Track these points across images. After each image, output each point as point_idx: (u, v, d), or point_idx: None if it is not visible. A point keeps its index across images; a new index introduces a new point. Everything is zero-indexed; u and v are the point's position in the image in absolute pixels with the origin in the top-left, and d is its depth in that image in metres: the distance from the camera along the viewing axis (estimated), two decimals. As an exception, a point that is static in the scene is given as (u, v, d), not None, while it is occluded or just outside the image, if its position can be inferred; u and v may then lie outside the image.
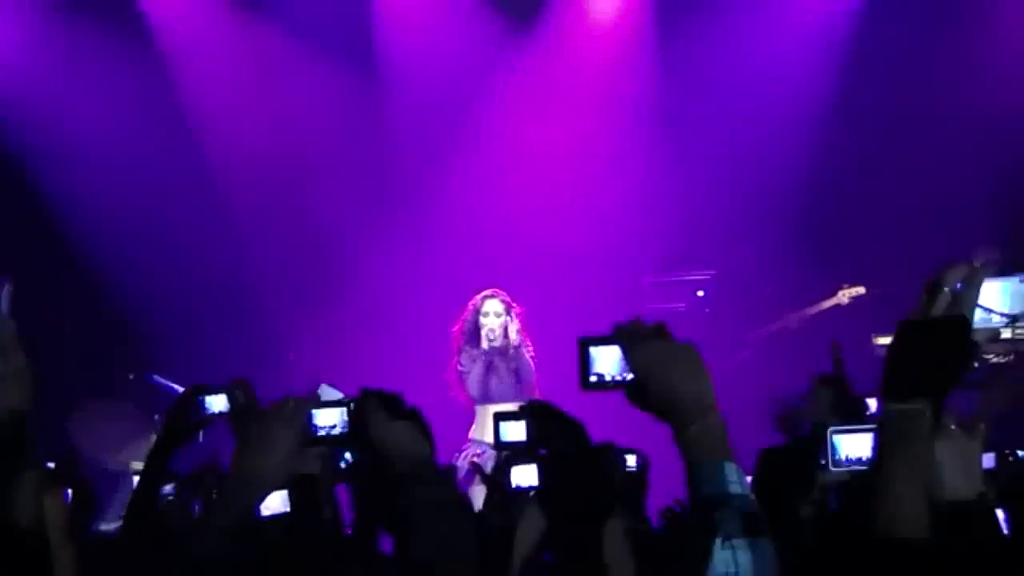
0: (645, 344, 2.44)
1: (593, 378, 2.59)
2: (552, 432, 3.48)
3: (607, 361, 2.57)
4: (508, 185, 11.17)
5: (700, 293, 10.86)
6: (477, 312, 8.62)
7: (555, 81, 11.35)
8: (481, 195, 11.15)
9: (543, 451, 3.70)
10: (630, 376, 2.49)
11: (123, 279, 10.97)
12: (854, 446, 3.67)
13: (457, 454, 8.10)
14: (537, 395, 8.16)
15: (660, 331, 2.46)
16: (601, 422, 3.82)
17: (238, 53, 11.32)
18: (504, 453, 4.52)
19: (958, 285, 2.33)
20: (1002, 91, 10.29)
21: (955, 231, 9.40)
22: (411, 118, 11.31)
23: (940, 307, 2.31)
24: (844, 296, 10.04)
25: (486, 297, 8.66)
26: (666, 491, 4.48)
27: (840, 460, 3.66)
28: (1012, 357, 9.17)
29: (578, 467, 3.41)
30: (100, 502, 4.64)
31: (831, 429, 3.71)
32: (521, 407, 3.97)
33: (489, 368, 8.50)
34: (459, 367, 8.54)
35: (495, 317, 8.58)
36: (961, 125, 10.27)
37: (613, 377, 2.57)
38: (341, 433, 3.66)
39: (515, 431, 4.12)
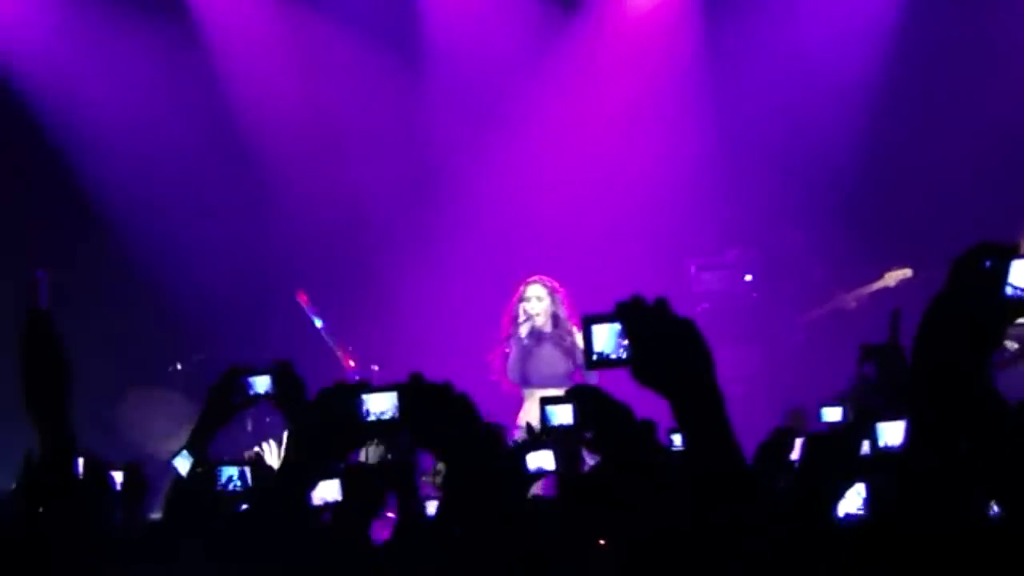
0: (644, 321, 2.48)
1: (595, 356, 2.65)
2: (597, 415, 3.51)
3: (605, 339, 2.63)
4: (552, 172, 11.20)
5: (748, 277, 10.81)
6: (520, 299, 8.69)
7: (599, 67, 11.36)
8: (525, 182, 11.17)
9: (588, 434, 3.74)
10: (624, 354, 2.55)
11: (163, 266, 11.03)
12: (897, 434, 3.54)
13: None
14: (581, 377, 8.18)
15: (660, 307, 2.49)
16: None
17: (280, 38, 11.38)
18: (521, 438, 4.56)
19: (987, 263, 2.36)
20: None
21: (1004, 213, 9.33)
22: (453, 105, 11.35)
23: (969, 285, 2.35)
24: (891, 279, 9.98)
25: (528, 283, 8.79)
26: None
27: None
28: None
29: (623, 450, 3.44)
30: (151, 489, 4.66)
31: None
32: (567, 391, 4.01)
33: (527, 353, 8.60)
34: (505, 350, 8.62)
35: (536, 301, 8.71)
36: (1011, 108, 10.21)
37: (613, 354, 2.62)
38: (392, 418, 3.66)
39: (563, 414, 4.11)
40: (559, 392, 4.68)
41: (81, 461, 4.49)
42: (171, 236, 11.00)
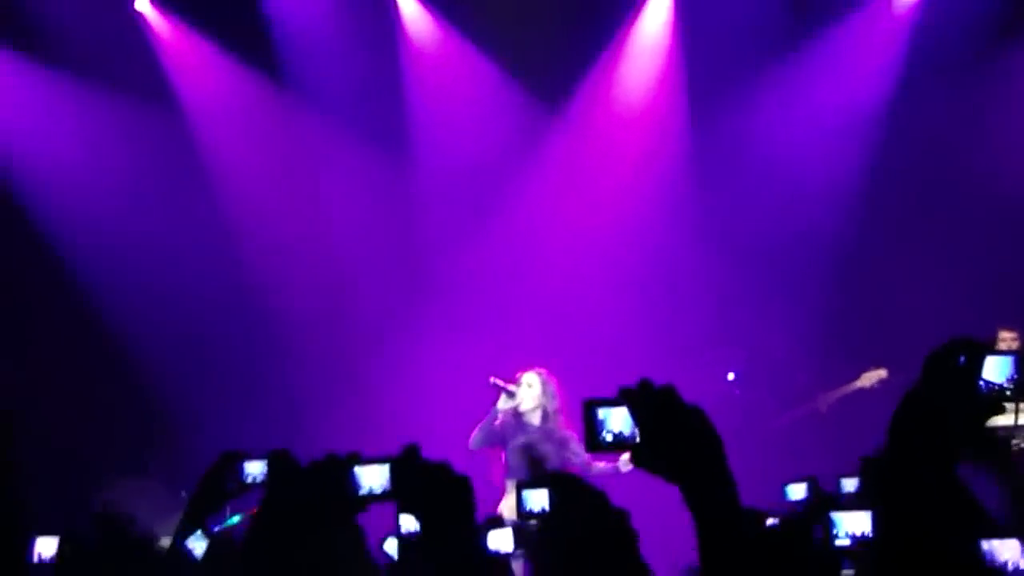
0: (654, 406, 2.49)
1: (607, 437, 2.63)
2: (572, 503, 3.49)
3: (617, 423, 2.61)
4: (538, 267, 11.27)
5: (731, 376, 10.87)
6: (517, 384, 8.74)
7: (584, 165, 11.47)
8: (510, 276, 11.24)
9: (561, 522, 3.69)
10: (638, 438, 2.54)
11: (147, 356, 11.04)
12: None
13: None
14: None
15: (669, 394, 2.49)
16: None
17: (266, 126, 11.47)
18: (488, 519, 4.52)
19: (962, 359, 2.41)
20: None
21: (987, 314, 9.41)
22: (439, 196, 11.43)
23: (942, 380, 2.39)
24: (867, 380, 9.99)
25: (526, 371, 8.82)
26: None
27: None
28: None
29: (597, 539, 3.41)
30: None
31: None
32: (548, 476, 4.03)
33: (516, 425, 8.65)
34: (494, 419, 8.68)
35: (527, 388, 8.73)
36: (994, 210, 10.39)
37: (621, 439, 2.61)
38: (385, 491, 3.62)
39: (538, 500, 4.10)
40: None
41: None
42: (158, 324, 11.00)
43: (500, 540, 4.23)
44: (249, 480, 4.35)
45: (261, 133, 11.46)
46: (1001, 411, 2.45)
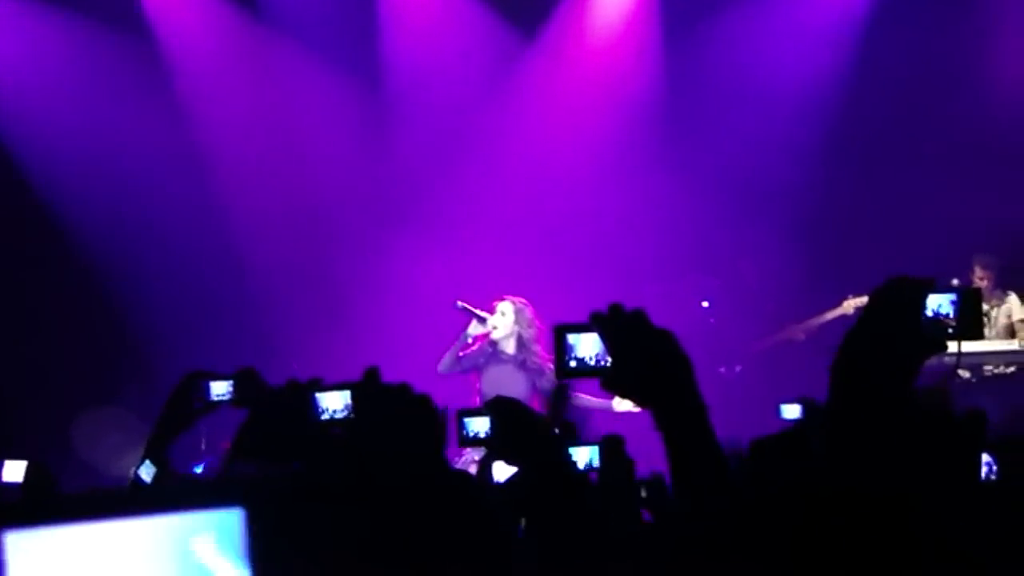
0: (624, 330, 2.49)
1: (573, 363, 2.63)
2: (513, 427, 3.48)
3: (587, 348, 2.62)
4: (513, 197, 11.25)
5: (705, 304, 10.85)
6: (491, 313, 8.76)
7: (560, 90, 11.43)
8: (486, 206, 11.23)
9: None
10: (608, 362, 2.55)
11: (121, 285, 11.04)
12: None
13: (456, 459, 8.09)
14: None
15: (638, 318, 2.50)
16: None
17: (240, 59, 11.42)
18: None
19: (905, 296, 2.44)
20: (1009, 97, 10.40)
21: (964, 240, 9.43)
22: (416, 127, 11.40)
23: (883, 319, 2.41)
24: (850, 306, 9.95)
25: (500, 300, 8.82)
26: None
27: None
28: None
29: (536, 463, 3.41)
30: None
31: None
32: (486, 403, 4.00)
33: (492, 355, 8.66)
34: (460, 351, 8.72)
35: (500, 316, 8.73)
36: (970, 132, 10.33)
37: (592, 363, 2.62)
38: (347, 416, 3.71)
39: (480, 426, 4.17)
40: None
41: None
42: (129, 255, 10.97)
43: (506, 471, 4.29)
44: (215, 398, 4.41)
45: (234, 61, 11.41)
46: (943, 349, 2.46)
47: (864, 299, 9.74)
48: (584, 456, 4.18)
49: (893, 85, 10.66)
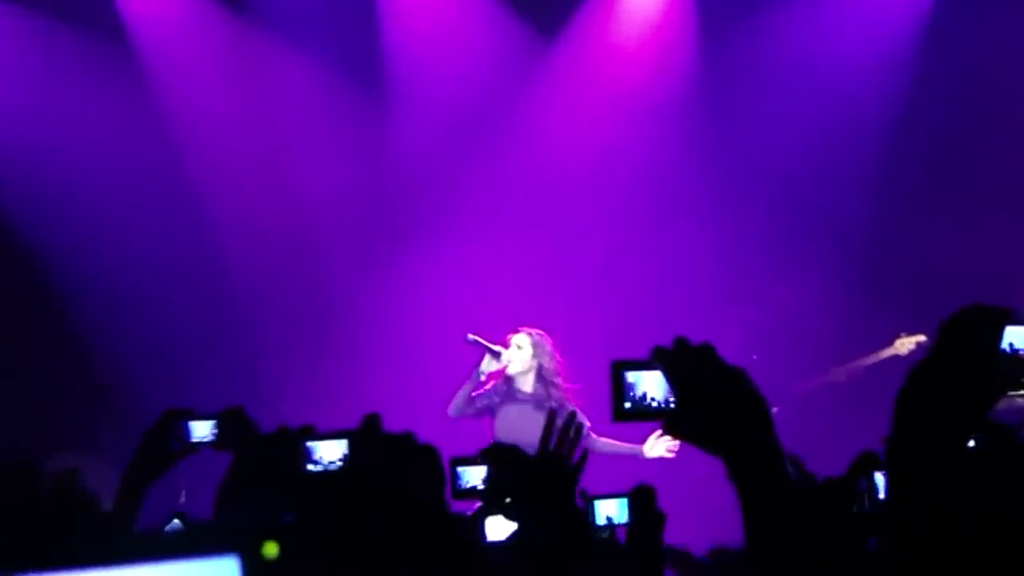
0: (691, 367, 2.50)
1: (628, 404, 2.62)
2: (512, 479, 3.53)
3: (649, 387, 2.61)
4: (529, 210, 11.30)
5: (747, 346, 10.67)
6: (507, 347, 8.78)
7: (581, 94, 11.44)
8: (501, 220, 11.29)
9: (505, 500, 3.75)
10: (672, 403, 2.55)
11: (91, 311, 11.08)
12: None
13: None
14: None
15: (706, 353, 2.50)
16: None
17: (223, 59, 11.44)
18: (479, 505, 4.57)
19: (979, 328, 2.47)
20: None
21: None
22: (421, 132, 11.41)
23: (956, 351, 2.44)
24: (903, 346, 9.99)
25: (515, 333, 8.83)
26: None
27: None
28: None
29: (545, 516, 3.44)
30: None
31: None
32: (480, 451, 4.04)
33: (508, 393, 8.70)
34: (472, 392, 8.72)
35: (516, 350, 8.73)
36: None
37: (653, 404, 2.61)
38: (342, 468, 3.74)
39: (475, 477, 4.15)
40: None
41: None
42: (110, 281, 11.04)
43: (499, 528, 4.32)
44: (196, 440, 4.43)
45: (215, 62, 11.44)
46: (1020, 387, 2.48)
47: (920, 338, 9.80)
48: (608, 509, 4.14)
49: (962, 88, 10.63)
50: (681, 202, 11.13)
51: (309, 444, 3.78)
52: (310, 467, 3.77)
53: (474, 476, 4.10)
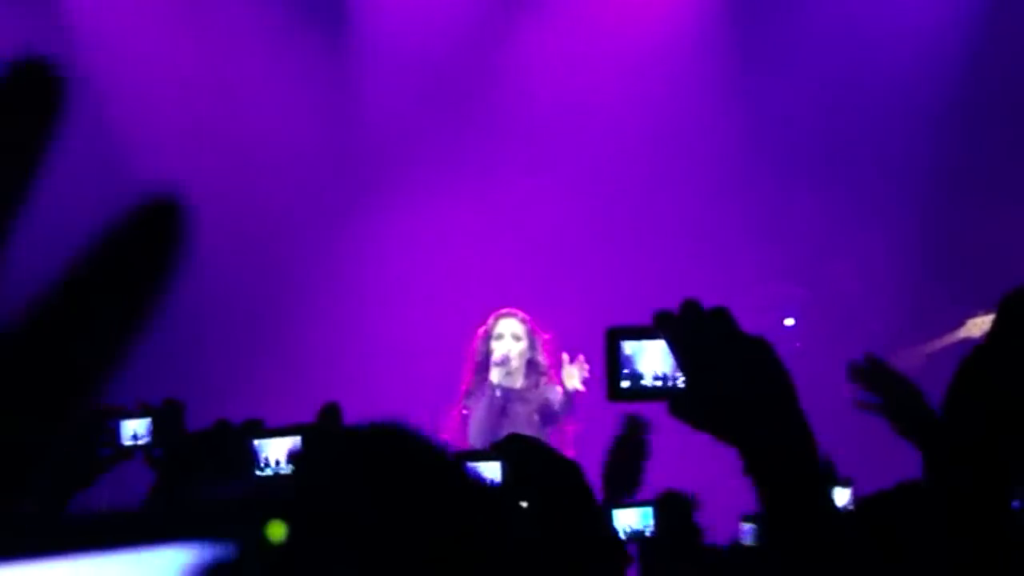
0: (702, 336, 2.32)
1: (626, 383, 2.53)
2: (536, 476, 3.35)
3: (650, 360, 2.51)
4: (521, 167, 11.23)
5: (789, 322, 10.94)
6: (488, 337, 8.49)
7: (591, 42, 11.36)
8: (487, 182, 11.24)
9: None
10: (680, 381, 2.43)
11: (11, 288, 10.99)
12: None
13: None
14: (568, 443, 8.12)
15: (721, 318, 2.32)
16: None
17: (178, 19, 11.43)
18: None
19: None
20: None
21: None
22: (393, 87, 11.43)
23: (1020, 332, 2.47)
24: (975, 327, 9.92)
25: (500, 316, 8.54)
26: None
27: None
28: None
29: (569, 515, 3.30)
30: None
31: None
32: (493, 445, 3.90)
33: (503, 411, 8.38)
34: (463, 411, 8.45)
35: (513, 341, 8.46)
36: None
37: (656, 382, 2.51)
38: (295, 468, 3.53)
39: (488, 474, 4.09)
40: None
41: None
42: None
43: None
44: (128, 443, 4.41)
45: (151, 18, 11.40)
46: None
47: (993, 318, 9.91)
48: (629, 520, 4.14)
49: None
50: (709, 160, 11.10)
51: (256, 443, 3.72)
52: (257, 472, 3.71)
53: (486, 473, 4.05)
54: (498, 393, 8.28)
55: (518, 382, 8.44)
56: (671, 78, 11.22)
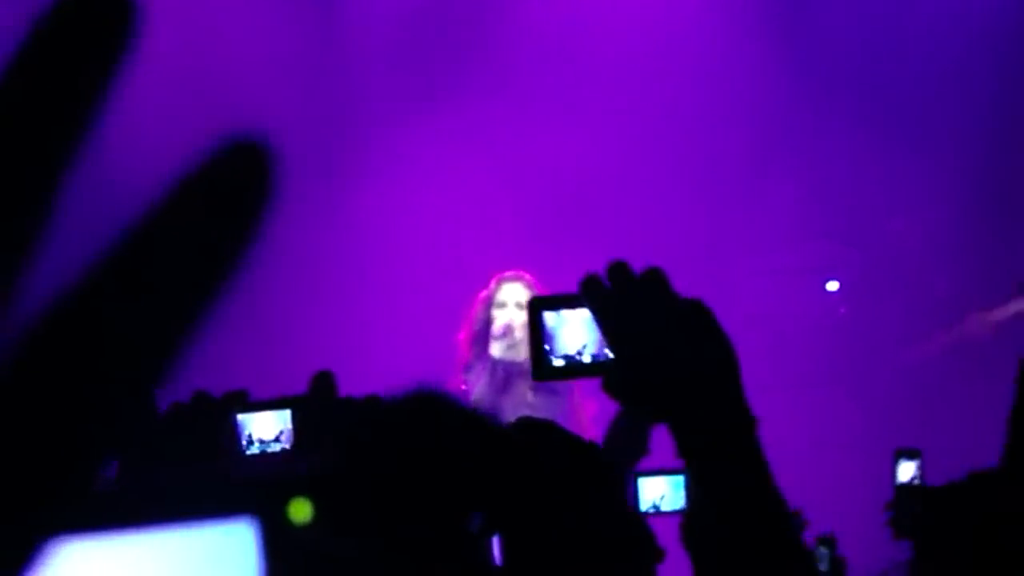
0: (630, 303, 2.32)
1: (550, 360, 2.56)
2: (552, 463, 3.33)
3: (574, 333, 2.53)
4: (528, 119, 11.26)
5: (832, 286, 10.93)
6: (490, 304, 8.37)
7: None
8: (484, 142, 11.28)
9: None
10: (607, 355, 2.44)
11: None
12: None
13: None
14: (586, 423, 7.98)
15: (654, 281, 2.32)
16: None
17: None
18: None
19: None
20: None
21: None
22: (381, 41, 11.58)
23: None
24: None
25: (503, 281, 8.41)
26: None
27: None
28: None
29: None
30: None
31: None
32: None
33: (505, 385, 8.28)
34: (462, 386, 8.34)
35: (516, 309, 8.30)
36: None
37: (581, 357, 2.53)
38: (285, 445, 3.66)
39: None
40: None
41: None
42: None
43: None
44: None
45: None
46: None
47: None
48: (655, 490, 4.14)
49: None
50: (742, 103, 11.13)
51: (240, 417, 3.70)
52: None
53: None
54: (499, 368, 8.23)
55: (522, 354, 8.28)
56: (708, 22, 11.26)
